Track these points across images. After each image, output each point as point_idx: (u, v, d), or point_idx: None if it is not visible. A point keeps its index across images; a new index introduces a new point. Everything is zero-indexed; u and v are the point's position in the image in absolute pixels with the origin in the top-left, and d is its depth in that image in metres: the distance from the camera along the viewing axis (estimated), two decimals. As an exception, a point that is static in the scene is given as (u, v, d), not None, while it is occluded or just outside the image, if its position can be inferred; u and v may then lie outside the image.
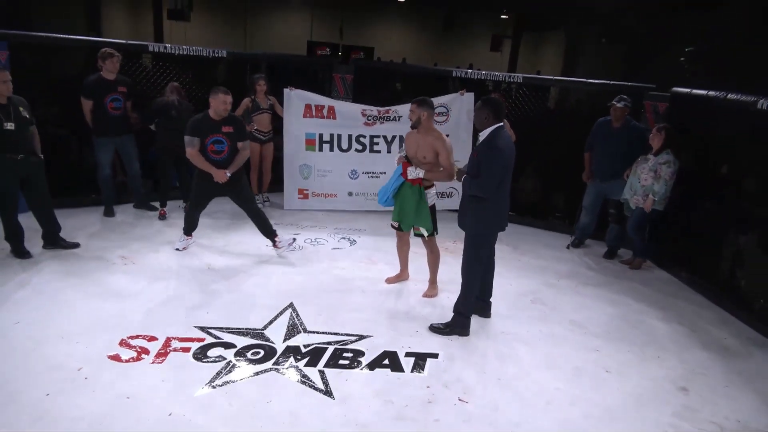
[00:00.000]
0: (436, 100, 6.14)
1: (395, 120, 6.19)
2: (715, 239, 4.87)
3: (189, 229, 4.91)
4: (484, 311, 3.97)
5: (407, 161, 4.09)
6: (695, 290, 4.86)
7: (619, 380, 3.38)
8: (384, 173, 6.24)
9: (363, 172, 6.23)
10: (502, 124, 3.56)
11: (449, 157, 4.01)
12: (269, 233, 4.89)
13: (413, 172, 4.01)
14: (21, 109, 4.35)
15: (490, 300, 4.03)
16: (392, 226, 4.33)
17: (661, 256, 5.41)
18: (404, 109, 6.04)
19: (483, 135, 3.57)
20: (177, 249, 4.81)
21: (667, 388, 3.33)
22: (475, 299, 3.82)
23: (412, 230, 4.26)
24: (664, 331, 4.09)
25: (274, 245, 4.91)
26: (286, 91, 6.06)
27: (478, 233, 3.67)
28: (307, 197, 6.35)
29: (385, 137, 6.27)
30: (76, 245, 4.76)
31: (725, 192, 4.74)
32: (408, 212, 4.13)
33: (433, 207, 4.16)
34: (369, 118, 6.18)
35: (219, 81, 7.07)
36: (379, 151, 6.25)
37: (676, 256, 5.27)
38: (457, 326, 3.75)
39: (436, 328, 3.78)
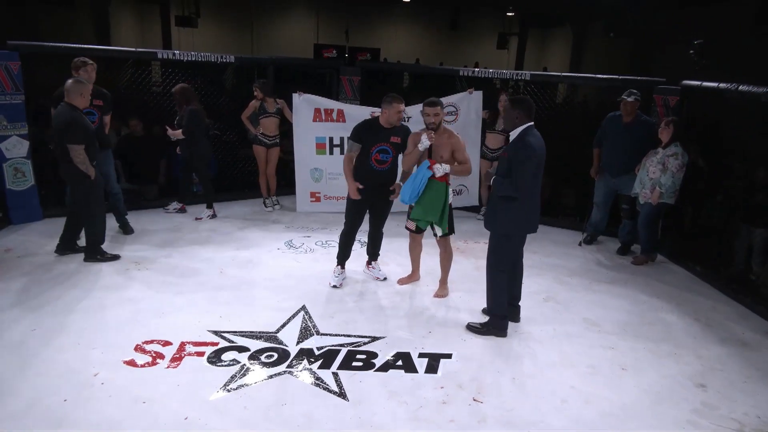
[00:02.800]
0: (445, 100, 6.15)
1: (404, 121, 6.17)
2: (729, 233, 4.82)
3: (344, 258, 4.49)
4: (514, 316, 3.94)
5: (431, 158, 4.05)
6: (710, 285, 4.80)
7: (636, 377, 3.35)
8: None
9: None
10: (532, 123, 3.53)
11: (466, 153, 4.02)
12: (374, 254, 4.64)
13: (441, 169, 3.94)
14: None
15: (519, 304, 3.99)
16: (407, 228, 4.31)
17: (674, 251, 5.35)
18: (412, 110, 6.04)
19: (514, 134, 3.54)
20: (335, 286, 4.37)
21: (684, 385, 3.29)
22: (505, 300, 3.77)
23: (428, 230, 4.22)
24: (679, 326, 4.04)
25: (368, 265, 4.66)
26: (294, 96, 6.08)
27: (508, 233, 3.64)
28: (319, 200, 6.38)
29: None
30: (117, 257, 4.82)
31: (738, 184, 4.69)
32: (430, 211, 4.04)
33: (450, 206, 4.14)
34: None
35: (227, 86, 7.13)
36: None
37: (690, 250, 5.22)
38: (493, 327, 3.75)
39: (472, 327, 3.78)
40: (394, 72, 8.70)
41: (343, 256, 4.47)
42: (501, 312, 3.75)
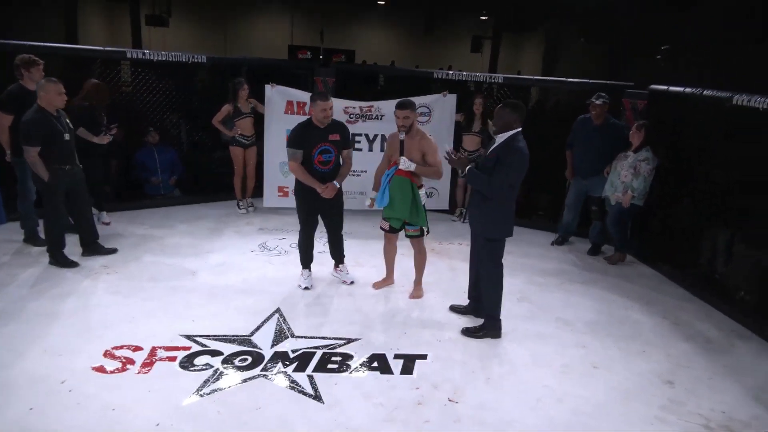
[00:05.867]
0: (419, 100, 6.15)
1: (377, 119, 6.20)
2: (695, 233, 4.96)
3: (307, 261, 4.46)
4: (479, 312, 3.98)
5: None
6: (678, 284, 4.93)
7: (607, 376, 3.41)
8: (365, 171, 6.24)
9: None
10: (520, 129, 3.55)
11: (437, 156, 4.02)
12: (339, 257, 4.61)
13: (405, 163, 3.95)
14: (67, 120, 4.44)
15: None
16: (381, 228, 4.31)
17: (643, 252, 5.48)
18: (387, 106, 6.06)
19: (503, 137, 3.56)
20: (306, 288, 4.36)
21: (653, 382, 3.37)
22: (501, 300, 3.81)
23: (402, 232, 4.23)
24: (648, 325, 4.14)
25: (335, 269, 4.61)
26: (267, 87, 6.02)
27: (494, 239, 3.69)
28: (287, 195, 6.27)
29: (366, 135, 6.28)
30: (114, 250, 4.83)
31: (704, 187, 4.82)
32: (398, 207, 4.04)
33: (423, 206, 4.15)
34: (351, 116, 6.17)
35: (200, 87, 7.04)
36: (360, 149, 6.23)
37: (659, 250, 5.35)
38: (489, 329, 3.78)
39: (469, 331, 3.80)
40: (369, 74, 8.70)
41: (306, 260, 4.44)
42: (497, 313, 3.78)
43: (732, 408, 3.16)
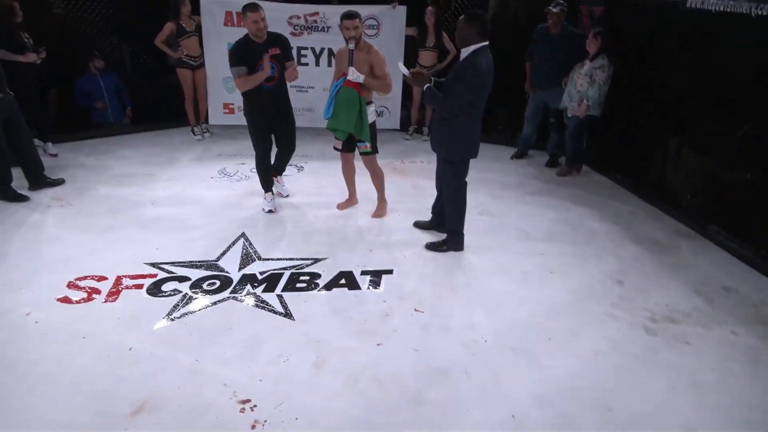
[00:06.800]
0: (365, 10, 5.86)
1: (324, 30, 5.97)
2: (647, 141, 5.10)
3: (268, 184, 4.40)
4: (443, 226, 4.06)
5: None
6: (631, 192, 5.14)
7: (563, 279, 3.61)
8: (312, 87, 6.13)
9: (290, 86, 6.09)
10: (486, 43, 3.37)
11: (386, 68, 3.91)
12: (278, 170, 4.60)
13: (353, 74, 3.83)
14: None
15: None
16: (335, 148, 4.25)
17: (598, 161, 5.64)
18: (333, 14, 5.82)
19: (465, 52, 3.39)
20: (270, 211, 4.34)
21: (605, 283, 3.59)
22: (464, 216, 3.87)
23: (356, 150, 4.20)
24: (601, 230, 4.34)
25: (274, 177, 4.57)
26: None
27: (453, 160, 3.67)
28: (233, 112, 6.12)
29: (313, 49, 6.07)
30: (61, 181, 4.65)
31: (657, 95, 4.90)
32: (344, 119, 3.92)
33: (373, 125, 4.08)
34: (296, 27, 5.91)
35: (138, 4, 6.53)
36: (307, 64, 6.03)
37: (613, 159, 5.52)
38: (452, 243, 3.88)
39: (432, 246, 3.89)
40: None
41: (266, 183, 4.39)
42: (460, 229, 3.87)
43: (675, 301, 3.41)
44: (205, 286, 3.34)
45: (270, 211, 4.35)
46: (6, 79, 4.21)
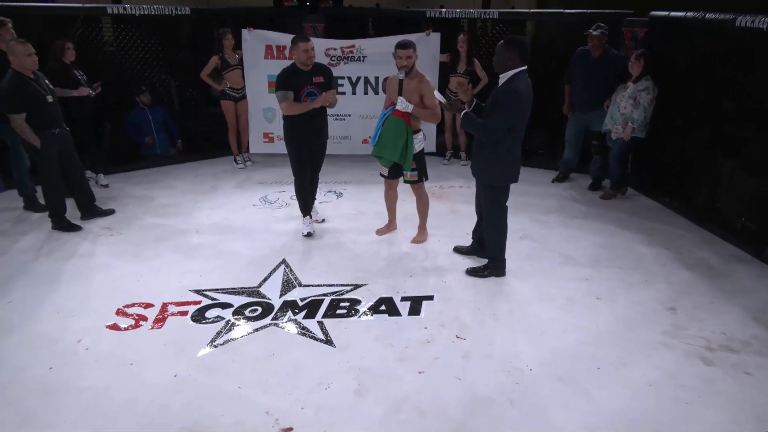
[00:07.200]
0: (400, 38, 5.98)
1: (360, 60, 6.09)
2: (696, 163, 4.93)
3: (307, 208, 4.49)
4: (483, 251, 4.00)
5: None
6: (679, 214, 4.96)
7: (610, 306, 3.48)
8: (349, 116, 6.27)
9: (328, 115, 6.21)
10: (525, 68, 3.37)
11: (434, 99, 3.94)
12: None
13: (402, 104, 3.88)
14: (47, 82, 4.33)
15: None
16: (381, 174, 4.29)
17: (644, 184, 5.48)
18: (368, 46, 5.99)
19: (504, 77, 3.39)
20: (309, 234, 4.42)
21: (656, 310, 3.44)
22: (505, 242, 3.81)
23: (401, 179, 4.20)
24: (650, 255, 4.18)
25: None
26: (244, 32, 5.88)
27: (493, 186, 3.64)
28: (273, 141, 6.28)
29: (349, 78, 6.20)
30: (111, 211, 4.84)
31: (705, 115, 4.75)
32: (389, 146, 3.98)
33: (421, 152, 4.10)
34: (333, 58, 6.07)
35: (184, 41, 6.84)
36: (344, 93, 6.15)
37: (660, 182, 5.34)
38: (493, 268, 3.82)
39: (473, 271, 3.85)
40: (359, 17, 8.43)
41: (305, 208, 4.48)
42: (501, 255, 3.81)
43: (732, 329, 3.23)
44: (247, 312, 3.37)
45: (308, 234, 4.40)
46: (62, 115, 4.44)
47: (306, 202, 4.46)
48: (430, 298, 3.54)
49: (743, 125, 4.44)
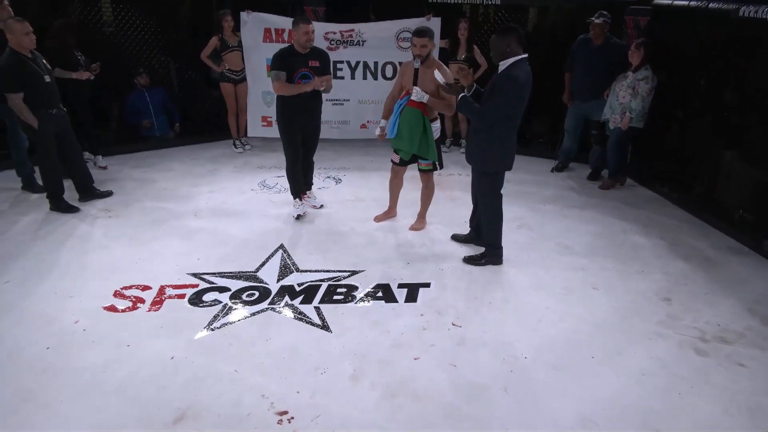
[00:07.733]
0: (400, 23, 5.94)
1: (359, 44, 6.05)
2: (696, 154, 4.92)
3: (297, 190, 4.52)
4: (480, 239, 4.01)
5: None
6: (677, 205, 4.96)
7: (606, 296, 3.50)
8: (347, 100, 6.23)
9: (326, 99, 6.12)
10: (525, 56, 3.35)
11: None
12: (306, 184, 4.70)
13: (418, 94, 3.81)
14: (44, 62, 4.29)
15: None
16: (392, 161, 4.26)
17: (642, 174, 5.47)
18: (368, 30, 5.96)
19: (503, 65, 3.37)
20: (298, 216, 4.45)
21: (651, 300, 3.46)
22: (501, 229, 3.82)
23: (416, 165, 4.16)
24: (647, 246, 4.20)
25: (303, 195, 4.63)
26: (243, 14, 5.79)
27: (488, 172, 3.64)
28: (271, 125, 6.23)
29: (348, 63, 6.15)
30: (109, 193, 4.82)
31: (706, 105, 4.74)
32: (406, 138, 3.94)
33: (437, 141, 4.06)
34: (332, 42, 6.01)
35: (185, 22, 6.77)
36: (342, 77, 6.11)
37: (658, 172, 5.34)
38: (490, 257, 3.83)
39: (470, 259, 3.85)
40: (359, 1, 8.33)
41: (295, 190, 4.49)
42: (498, 242, 3.81)
43: (727, 320, 3.26)
44: (244, 296, 3.38)
45: (299, 216, 4.41)
46: (60, 95, 4.41)
47: (297, 184, 4.48)
48: (427, 285, 3.55)
49: (744, 116, 4.43)
